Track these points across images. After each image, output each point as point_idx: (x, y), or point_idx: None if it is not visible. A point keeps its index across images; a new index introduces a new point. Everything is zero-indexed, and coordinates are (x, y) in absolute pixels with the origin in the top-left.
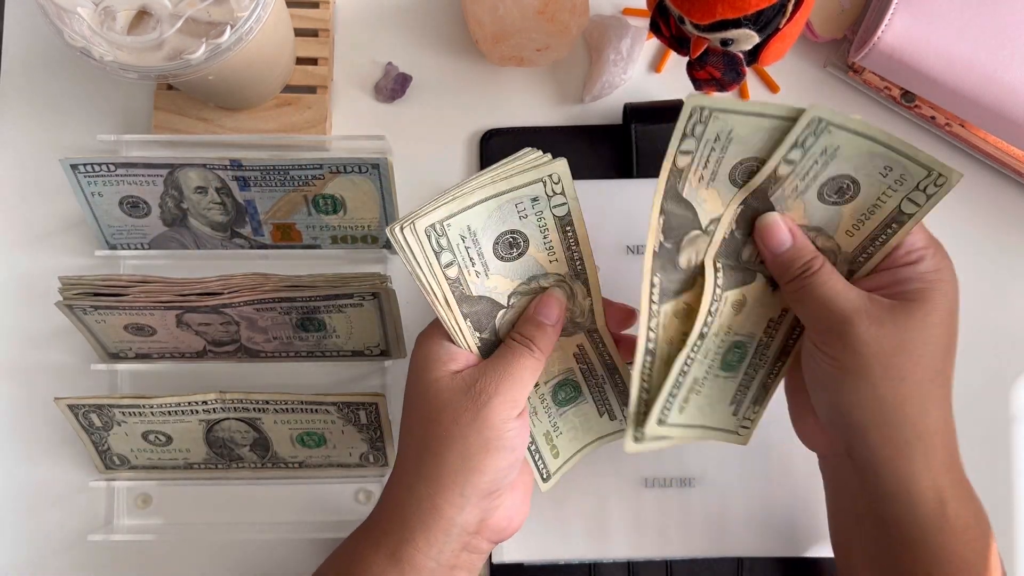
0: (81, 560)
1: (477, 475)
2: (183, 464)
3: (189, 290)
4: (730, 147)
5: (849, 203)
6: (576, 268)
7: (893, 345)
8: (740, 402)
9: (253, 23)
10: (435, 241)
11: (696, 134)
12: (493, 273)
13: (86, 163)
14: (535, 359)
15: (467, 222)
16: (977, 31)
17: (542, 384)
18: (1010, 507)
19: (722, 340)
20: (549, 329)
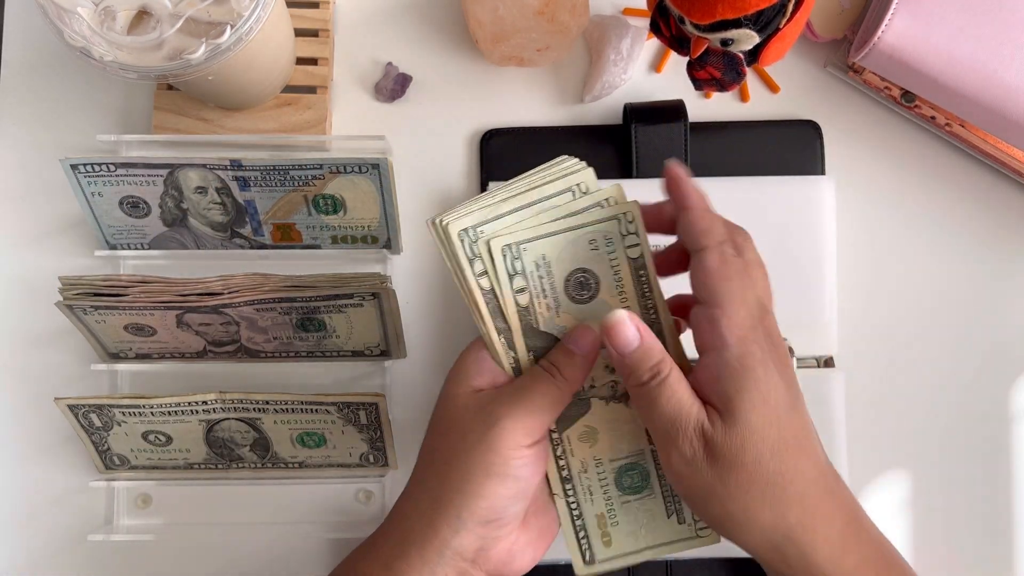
0: (81, 560)
1: (475, 499)
2: (183, 464)
3: (189, 290)
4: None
5: (599, 290)
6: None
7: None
8: (679, 511)
9: (253, 23)
10: (511, 263)
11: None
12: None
13: (86, 163)
14: (556, 386)
15: (542, 251)
16: (977, 31)
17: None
18: (1010, 507)
19: (602, 472)
20: (578, 358)
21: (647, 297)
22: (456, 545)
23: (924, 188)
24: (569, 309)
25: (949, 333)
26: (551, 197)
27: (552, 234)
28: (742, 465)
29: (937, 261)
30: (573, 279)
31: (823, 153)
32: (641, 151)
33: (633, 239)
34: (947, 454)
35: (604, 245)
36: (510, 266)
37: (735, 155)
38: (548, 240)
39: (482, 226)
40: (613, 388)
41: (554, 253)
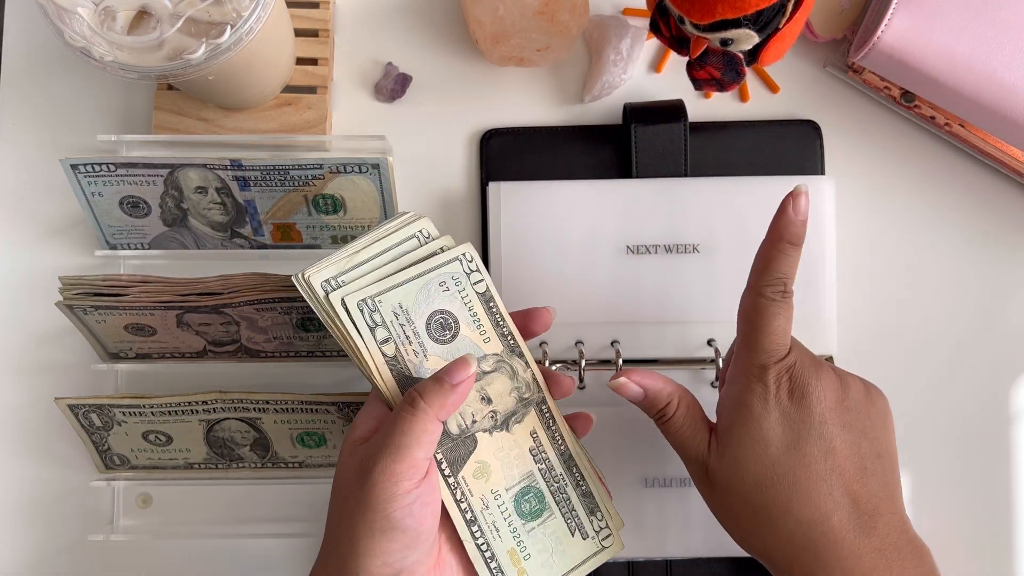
0: (81, 560)
1: (368, 559)
2: (183, 464)
3: (189, 290)
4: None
5: (459, 328)
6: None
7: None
8: (580, 526)
9: (253, 23)
10: (369, 316)
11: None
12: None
13: (86, 163)
14: (417, 416)
15: (398, 299)
16: (977, 31)
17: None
18: (1010, 507)
19: (502, 504)
20: (447, 386)
21: (502, 326)
22: None
23: (924, 188)
24: (436, 351)
25: (949, 333)
26: (398, 244)
27: (404, 282)
28: (733, 491)
29: (937, 261)
30: (433, 321)
31: (823, 153)
32: (641, 151)
33: (477, 275)
34: (947, 454)
35: (454, 285)
36: (369, 319)
37: (735, 155)
38: (401, 289)
39: (341, 276)
40: (494, 418)
41: (409, 300)
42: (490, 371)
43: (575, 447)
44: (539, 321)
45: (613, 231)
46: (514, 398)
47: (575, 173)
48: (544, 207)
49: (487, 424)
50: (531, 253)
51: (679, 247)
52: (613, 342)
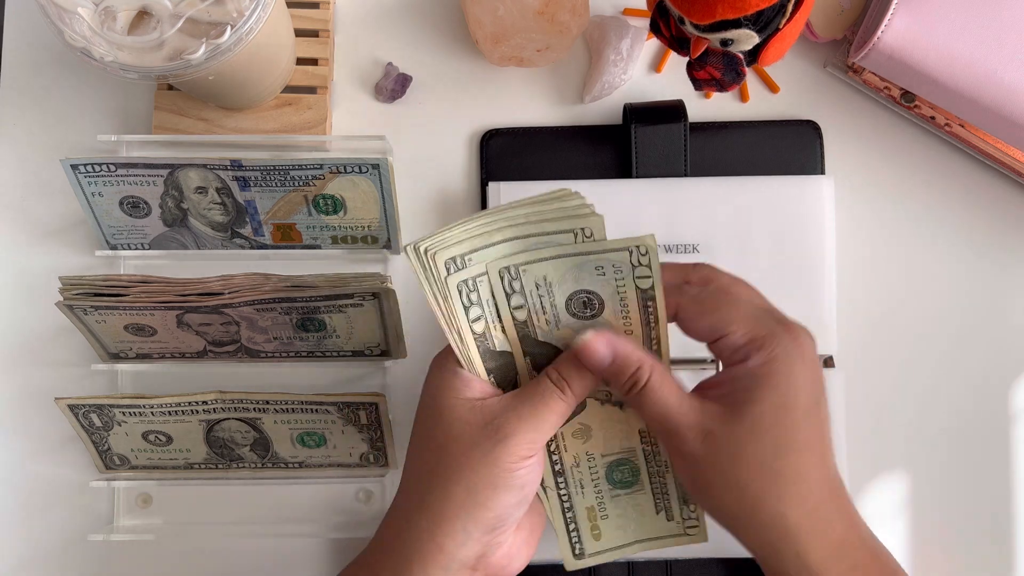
0: (81, 560)
1: (482, 510)
2: (183, 464)
3: (189, 290)
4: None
5: (603, 310)
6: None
7: (727, 456)
8: (668, 507)
9: (253, 23)
10: (508, 283)
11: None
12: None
13: (86, 163)
14: (565, 403)
15: (544, 272)
16: (977, 31)
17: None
18: (1010, 507)
19: (594, 467)
20: (589, 376)
21: (651, 327)
22: (461, 557)
23: (924, 188)
24: (570, 324)
25: (949, 333)
26: (552, 234)
27: (556, 257)
28: (743, 461)
29: (937, 261)
30: (575, 299)
31: (823, 153)
32: (641, 151)
33: (645, 271)
34: (947, 454)
35: (612, 273)
36: (508, 286)
37: (735, 155)
38: (551, 263)
39: (471, 254)
40: (608, 395)
41: (556, 275)
42: None
43: None
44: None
45: (613, 230)
46: None
47: (575, 173)
48: None
49: (601, 396)
50: None
51: (679, 247)
52: None
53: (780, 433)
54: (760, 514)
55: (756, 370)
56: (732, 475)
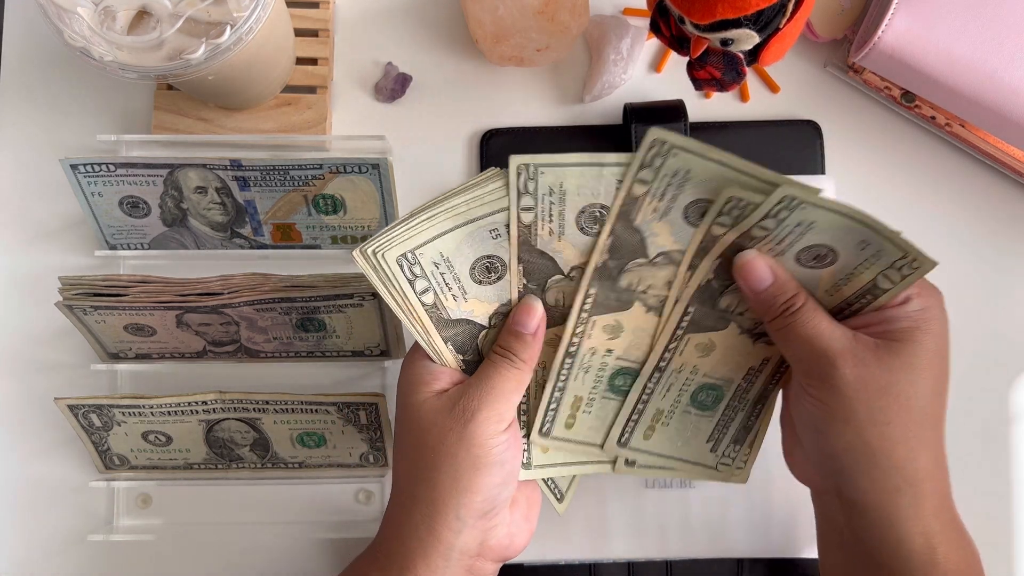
0: (81, 560)
1: (470, 495)
2: (183, 464)
3: (189, 290)
4: (687, 187)
5: (828, 267)
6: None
7: (879, 387)
8: (719, 440)
9: (253, 23)
10: (408, 269)
11: (655, 166)
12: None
13: (86, 163)
14: (517, 370)
15: (439, 249)
16: (977, 31)
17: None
18: (1010, 507)
19: (687, 379)
20: (528, 338)
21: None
22: (460, 545)
23: (924, 188)
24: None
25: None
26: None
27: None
28: (894, 396)
29: (937, 260)
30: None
31: (823, 153)
32: None
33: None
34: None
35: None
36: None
37: (735, 155)
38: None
39: (420, 248)
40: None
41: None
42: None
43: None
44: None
45: None
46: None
47: None
48: None
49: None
50: None
51: None
52: None
53: (933, 377)
54: (896, 453)
55: (916, 315)
56: (879, 408)
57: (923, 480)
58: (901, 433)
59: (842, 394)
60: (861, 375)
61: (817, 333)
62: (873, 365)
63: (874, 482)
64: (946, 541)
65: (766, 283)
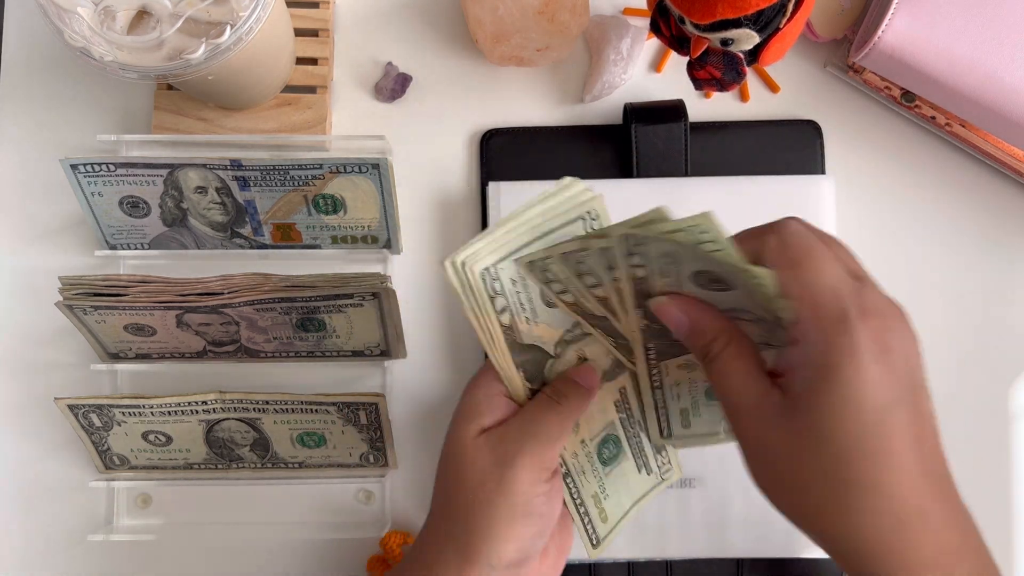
0: (81, 560)
1: (503, 544)
2: (183, 464)
3: (189, 290)
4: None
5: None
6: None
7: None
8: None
9: (253, 23)
10: (490, 285)
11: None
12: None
13: (86, 163)
14: (562, 415)
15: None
16: (977, 31)
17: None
18: (1009, 507)
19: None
20: (584, 392)
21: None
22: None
23: (924, 188)
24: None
25: (949, 333)
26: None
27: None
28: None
29: (937, 261)
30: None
31: (823, 153)
32: (641, 151)
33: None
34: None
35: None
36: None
37: (735, 155)
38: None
39: (503, 262)
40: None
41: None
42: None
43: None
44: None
45: None
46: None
47: (575, 173)
48: None
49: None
50: None
51: None
52: None
53: (845, 437)
54: (823, 524)
55: (817, 358)
56: (790, 475)
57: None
58: (822, 504)
59: (754, 455)
60: (762, 439)
61: (727, 388)
62: (775, 428)
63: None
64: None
65: (684, 327)
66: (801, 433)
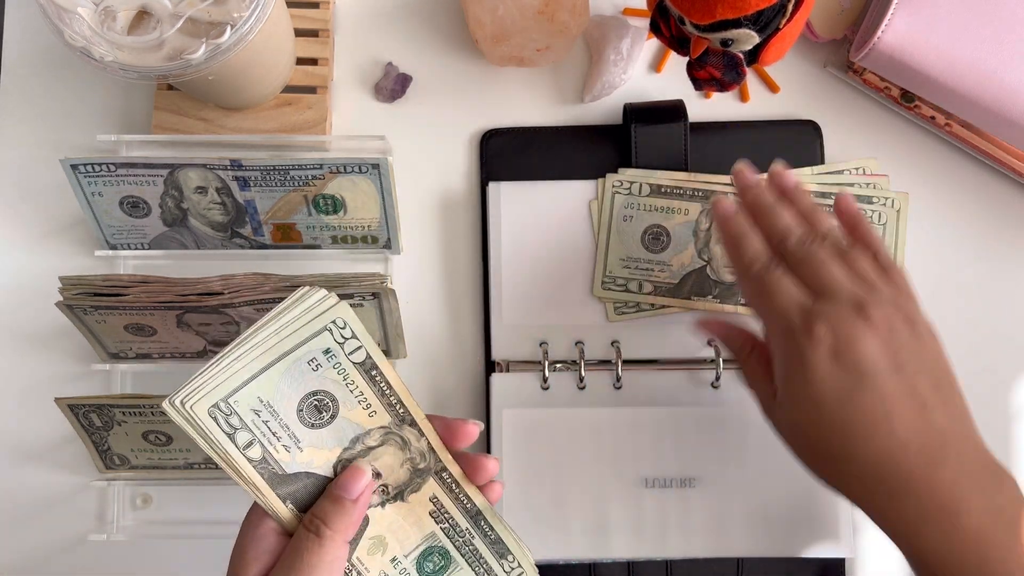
0: (81, 560)
1: None
2: (183, 464)
3: (189, 290)
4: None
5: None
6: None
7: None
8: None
9: (253, 23)
10: (224, 422)
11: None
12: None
13: (86, 163)
14: (324, 546)
15: (256, 394)
16: (977, 31)
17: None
18: None
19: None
20: (348, 504)
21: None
22: None
23: (923, 188)
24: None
25: (948, 333)
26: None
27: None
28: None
29: (937, 260)
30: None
31: (823, 153)
32: (641, 151)
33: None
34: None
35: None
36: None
37: (735, 155)
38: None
39: (233, 395)
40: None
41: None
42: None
43: (482, 501)
44: (460, 435)
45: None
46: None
47: (575, 173)
48: (544, 207)
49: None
50: (530, 253)
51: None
52: (613, 342)
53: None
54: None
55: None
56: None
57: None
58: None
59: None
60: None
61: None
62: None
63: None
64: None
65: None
66: (789, 423)
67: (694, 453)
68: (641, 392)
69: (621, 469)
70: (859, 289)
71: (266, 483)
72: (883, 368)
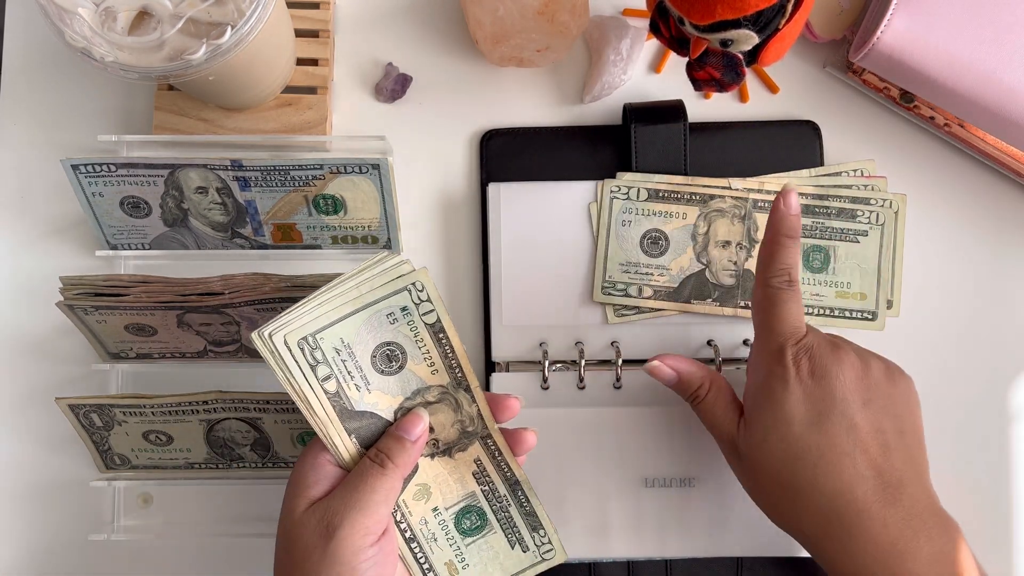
0: (81, 560)
1: None
2: (184, 464)
3: (190, 290)
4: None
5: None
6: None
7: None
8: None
9: (253, 23)
10: (309, 354)
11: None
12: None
13: (87, 163)
14: (387, 476)
15: (339, 334)
16: (977, 31)
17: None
18: (1009, 507)
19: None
20: (408, 444)
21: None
22: None
23: (923, 188)
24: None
25: (948, 333)
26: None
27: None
28: (761, 468)
29: (936, 261)
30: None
31: (822, 153)
32: (641, 151)
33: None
34: (947, 454)
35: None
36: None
37: (735, 155)
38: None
39: (321, 332)
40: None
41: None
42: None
43: (521, 474)
44: (503, 408)
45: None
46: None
47: (575, 173)
48: (544, 208)
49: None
50: (531, 254)
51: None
52: (613, 342)
53: (781, 446)
54: (780, 520)
55: (757, 387)
56: (756, 482)
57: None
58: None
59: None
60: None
61: (712, 422)
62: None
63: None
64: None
65: (673, 381)
66: (757, 445)
67: (694, 453)
68: (641, 392)
69: (621, 469)
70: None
71: (336, 415)
72: (852, 400)
